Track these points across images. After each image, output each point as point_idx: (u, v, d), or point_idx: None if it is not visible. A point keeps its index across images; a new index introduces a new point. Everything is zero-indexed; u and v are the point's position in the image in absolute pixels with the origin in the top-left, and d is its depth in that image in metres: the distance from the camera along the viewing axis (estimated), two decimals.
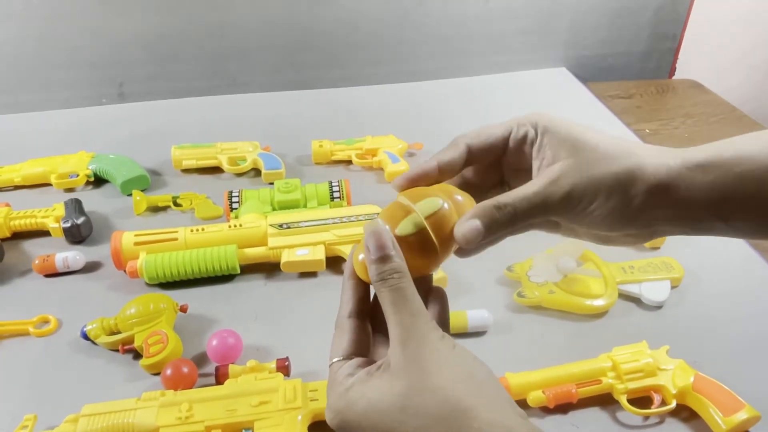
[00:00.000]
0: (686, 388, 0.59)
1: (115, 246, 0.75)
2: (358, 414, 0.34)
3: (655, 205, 0.37)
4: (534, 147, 0.40)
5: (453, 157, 0.41)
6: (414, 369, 0.33)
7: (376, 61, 1.27)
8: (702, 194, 0.37)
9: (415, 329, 0.34)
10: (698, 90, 1.31)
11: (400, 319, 0.34)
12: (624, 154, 0.37)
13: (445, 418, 0.32)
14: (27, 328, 0.69)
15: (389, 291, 0.35)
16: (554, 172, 0.38)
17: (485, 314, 0.67)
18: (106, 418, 0.56)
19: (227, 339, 0.64)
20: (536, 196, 0.37)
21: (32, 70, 1.17)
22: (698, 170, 0.36)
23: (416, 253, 0.37)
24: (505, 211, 0.37)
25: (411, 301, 0.35)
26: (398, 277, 0.35)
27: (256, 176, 0.96)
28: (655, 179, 0.37)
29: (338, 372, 0.36)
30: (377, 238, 0.35)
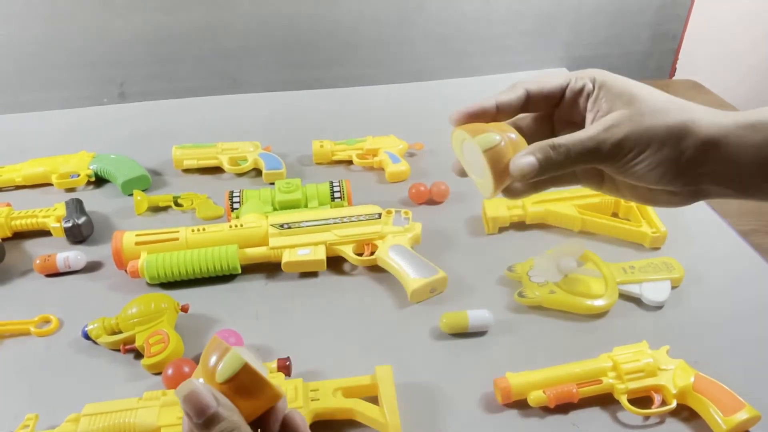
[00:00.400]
0: (687, 388, 0.59)
1: (116, 246, 0.75)
2: None
3: (705, 160, 0.38)
4: (590, 99, 0.41)
5: (511, 99, 0.42)
6: None
7: (376, 61, 1.27)
8: (752, 152, 0.37)
9: None
10: (698, 90, 1.31)
11: None
12: (678, 109, 0.38)
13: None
14: (28, 328, 0.69)
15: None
16: (609, 120, 0.39)
17: (486, 314, 0.67)
18: (107, 418, 0.56)
19: (228, 339, 0.64)
20: (590, 141, 0.38)
21: (33, 70, 1.17)
22: (749, 129, 0.37)
23: (249, 394, 0.33)
24: (560, 150, 0.38)
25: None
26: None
27: (256, 176, 0.96)
28: (707, 134, 0.37)
29: None
30: (194, 400, 0.31)
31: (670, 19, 1.33)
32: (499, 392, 0.59)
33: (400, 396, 0.57)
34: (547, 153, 0.38)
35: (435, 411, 0.59)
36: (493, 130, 0.41)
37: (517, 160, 0.39)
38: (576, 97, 0.43)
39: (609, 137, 0.38)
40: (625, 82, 0.41)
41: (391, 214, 0.80)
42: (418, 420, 0.58)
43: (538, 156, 0.38)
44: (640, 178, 0.40)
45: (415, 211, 0.83)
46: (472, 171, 0.44)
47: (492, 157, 0.40)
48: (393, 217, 0.80)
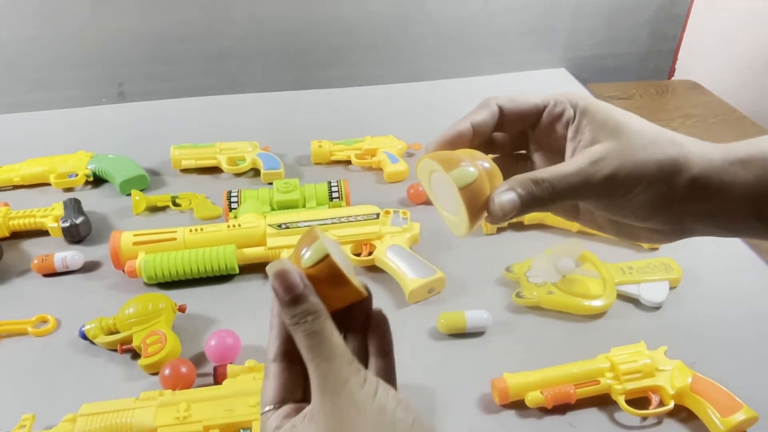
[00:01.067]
0: (684, 389, 0.59)
1: (114, 246, 0.75)
2: None
3: (694, 197, 0.36)
4: (570, 127, 0.39)
5: (486, 118, 0.39)
6: (332, 424, 0.31)
7: (375, 61, 1.27)
8: (741, 190, 0.35)
9: (332, 376, 0.31)
10: (697, 91, 1.31)
11: (317, 365, 0.32)
12: (668, 143, 0.36)
13: None
14: (25, 328, 0.69)
15: (304, 336, 0.32)
16: (595, 153, 0.36)
17: (484, 315, 0.67)
18: (104, 418, 0.56)
19: (225, 339, 0.64)
20: (576, 176, 0.35)
21: (32, 70, 1.17)
22: (739, 164, 0.35)
23: (329, 284, 0.34)
24: (543, 186, 0.35)
25: (327, 345, 0.32)
26: (312, 320, 0.32)
27: (255, 176, 0.96)
28: (698, 171, 0.35)
29: (267, 423, 0.34)
30: (283, 278, 0.32)
31: (669, 19, 1.33)
32: (497, 393, 0.59)
33: None
34: (530, 189, 0.35)
35: (432, 411, 0.59)
36: (466, 159, 0.36)
37: (498, 198, 0.35)
38: (554, 121, 0.40)
39: (597, 171, 0.35)
40: (609, 110, 0.38)
41: (390, 215, 0.80)
42: None
43: (520, 192, 0.35)
44: (626, 215, 0.38)
45: (413, 212, 0.83)
46: (441, 205, 0.39)
47: (468, 195, 0.35)
48: (391, 217, 0.79)
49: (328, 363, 0.32)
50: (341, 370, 0.32)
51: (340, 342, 0.32)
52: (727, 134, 1.16)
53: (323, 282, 0.34)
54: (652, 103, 1.27)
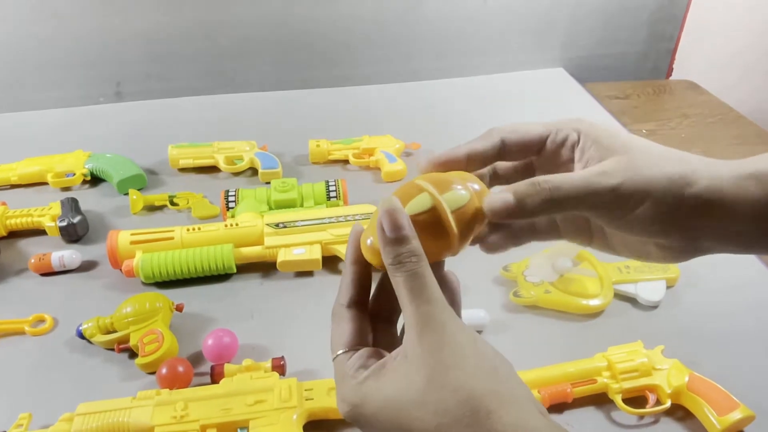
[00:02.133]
0: (681, 388, 0.59)
1: (112, 245, 0.74)
2: (374, 408, 0.32)
3: (705, 214, 0.35)
4: (576, 149, 0.39)
5: (485, 148, 0.39)
6: (433, 362, 0.31)
7: (373, 61, 1.27)
8: (754, 205, 0.35)
9: (434, 318, 0.32)
10: (695, 91, 1.31)
11: (418, 306, 0.32)
12: (676, 159, 0.36)
13: (466, 417, 0.30)
14: (22, 327, 0.69)
15: (406, 276, 0.32)
16: (604, 165, 0.35)
17: (482, 314, 0.67)
18: (101, 417, 0.56)
19: (223, 338, 0.64)
20: (582, 181, 0.35)
21: (29, 69, 1.17)
22: (751, 180, 0.35)
23: (429, 234, 0.34)
24: (544, 187, 0.34)
25: (429, 288, 0.32)
26: (415, 261, 0.32)
27: (252, 176, 0.96)
28: (708, 187, 0.35)
29: (347, 364, 0.35)
30: (393, 217, 0.33)
31: (667, 19, 1.34)
32: None
33: None
34: (528, 190, 0.34)
35: None
36: (458, 182, 0.36)
37: (489, 197, 0.35)
38: (558, 148, 0.39)
39: (604, 181, 0.35)
40: (614, 131, 0.38)
41: None
42: None
43: (518, 192, 0.34)
44: (636, 230, 0.37)
45: None
46: None
47: (460, 217, 0.35)
48: None
49: (429, 305, 0.32)
50: (442, 312, 0.32)
51: (438, 287, 0.33)
52: (724, 133, 1.16)
53: (426, 231, 0.34)
54: (649, 103, 1.27)
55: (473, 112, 1.14)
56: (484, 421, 0.30)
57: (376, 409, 0.32)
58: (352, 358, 0.35)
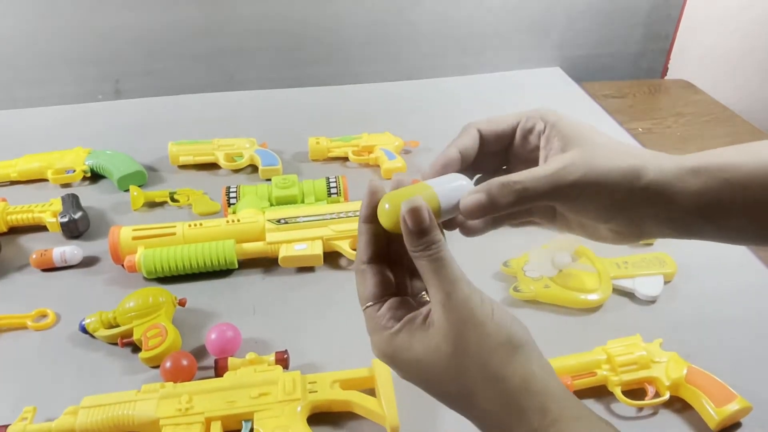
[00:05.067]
0: (679, 380, 0.60)
1: (114, 240, 0.75)
2: (405, 362, 0.37)
3: (650, 203, 0.39)
4: (542, 137, 0.43)
5: (470, 143, 0.43)
6: (457, 335, 0.35)
7: (372, 59, 1.28)
8: (692, 197, 0.39)
9: (456, 295, 0.36)
10: (690, 90, 1.33)
11: (440, 285, 0.36)
12: (629, 154, 0.40)
13: (486, 380, 0.35)
14: (25, 322, 0.69)
15: (429, 261, 0.36)
16: (565, 159, 0.40)
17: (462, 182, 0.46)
18: (106, 410, 0.56)
19: (226, 332, 0.65)
20: (546, 179, 0.39)
21: (28, 66, 1.17)
22: (690, 174, 0.39)
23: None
24: (514, 188, 0.38)
25: (450, 268, 0.36)
26: (436, 248, 0.36)
27: (252, 173, 0.97)
28: (654, 179, 0.39)
29: (378, 314, 0.38)
30: (415, 214, 0.36)
31: (662, 19, 1.35)
32: None
33: (398, 388, 0.58)
34: (500, 190, 0.38)
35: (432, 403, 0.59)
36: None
37: (464, 199, 0.39)
38: (526, 135, 0.44)
39: (566, 175, 0.39)
40: (576, 124, 0.42)
41: None
42: (416, 412, 0.58)
43: (489, 194, 0.38)
44: (591, 217, 0.41)
45: None
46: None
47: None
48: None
49: (451, 284, 0.36)
50: (462, 289, 0.36)
51: (457, 266, 0.37)
52: (718, 132, 1.17)
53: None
54: (645, 102, 1.28)
55: (471, 111, 1.15)
56: (497, 384, 0.35)
57: (407, 363, 0.38)
58: (381, 309, 0.39)
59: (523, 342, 0.37)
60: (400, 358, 0.37)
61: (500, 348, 0.36)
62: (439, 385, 0.37)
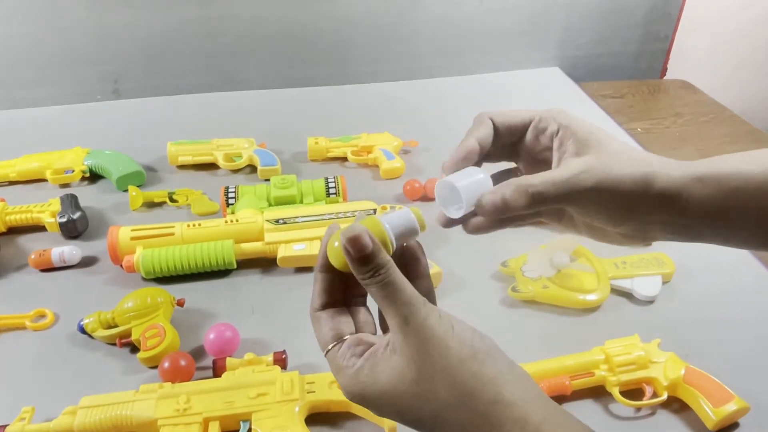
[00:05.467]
0: (677, 380, 0.60)
1: (112, 241, 0.75)
2: (374, 396, 0.36)
3: (658, 210, 0.40)
4: (555, 139, 0.43)
5: (486, 133, 0.44)
6: (420, 358, 0.35)
7: (371, 59, 1.28)
8: (701, 205, 0.40)
9: (412, 317, 0.35)
10: (689, 90, 1.33)
11: (395, 310, 0.35)
12: (640, 161, 0.41)
13: (455, 400, 0.34)
14: (23, 322, 0.69)
15: (379, 287, 0.36)
16: (580, 165, 0.41)
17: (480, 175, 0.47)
18: (104, 410, 0.56)
19: (224, 332, 0.65)
20: (562, 184, 0.40)
21: (27, 67, 1.17)
22: (697, 182, 0.40)
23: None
24: (528, 191, 0.40)
25: (401, 291, 0.35)
26: (384, 272, 0.36)
27: (251, 173, 0.97)
28: (663, 186, 0.40)
29: (338, 356, 0.38)
30: (355, 241, 0.35)
31: (661, 19, 1.35)
32: None
33: None
34: (518, 192, 0.40)
35: None
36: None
37: (487, 197, 0.40)
38: (538, 135, 0.45)
39: (581, 182, 0.40)
40: (589, 128, 0.43)
41: (386, 210, 0.80)
42: None
43: (508, 195, 0.40)
44: (601, 220, 0.42)
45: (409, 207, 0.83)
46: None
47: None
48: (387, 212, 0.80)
49: (406, 306, 0.35)
50: (419, 311, 0.35)
51: (410, 287, 0.36)
52: (717, 132, 1.17)
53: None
54: (644, 102, 1.28)
55: (470, 111, 1.13)
56: (468, 401, 0.34)
57: (376, 398, 0.36)
58: (341, 350, 0.38)
59: (489, 353, 0.36)
60: (368, 394, 0.36)
61: (465, 363, 0.34)
62: (410, 413, 0.36)
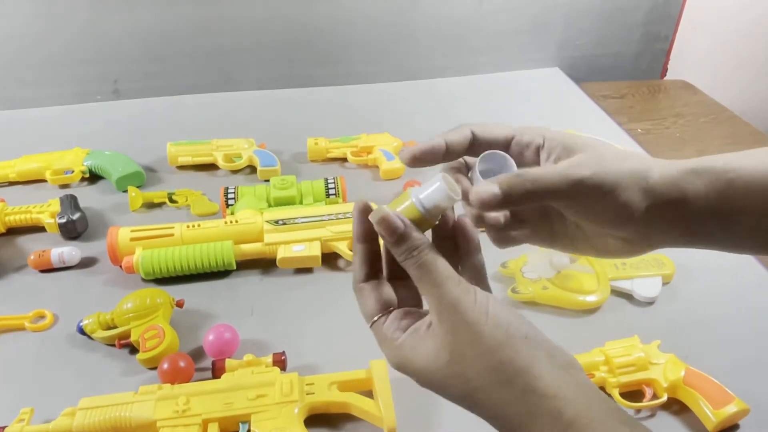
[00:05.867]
0: (677, 382, 0.60)
1: (112, 241, 0.75)
2: (414, 371, 0.37)
3: (658, 205, 0.39)
4: (542, 151, 0.41)
5: (459, 139, 0.42)
6: (453, 340, 0.35)
7: (370, 59, 1.28)
8: (696, 197, 0.39)
9: (445, 299, 0.35)
10: (689, 90, 1.33)
11: (429, 290, 0.36)
12: (634, 157, 0.40)
13: (489, 385, 0.35)
14: (23, 323, 0.69)
15: (413, 268, 0.36)
16: (574, 160, 0.39)
17: None
18: (103, 412, 0.56)
19: (224, 333, 0.65)
20: (558, 175, 0.38)
21: (27, 67, 1.16)
22: (692, 174, 0.39)
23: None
24: (526, 178, 0.37)
25: (435, 272, 0.36)
26: (417, 253, 0.36)
27: (251, 173, 0.97)
28: (659, 178, 0.39)
29: (383, 328, 0.39)
30: (385, 223, 0.36)
31: (662, 19, 1.35)
32: None
33: (395, 390, 0.57)
34: (512, 182, 0.37)
35: (429, 404, 0.60)
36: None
37: (478, 188, 0.37)
38: (522, 150, 0.42)
39: (575, 173, 0.38)
40: (575, 137, 0.41)
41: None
42: (413, 413, 0.58)
43: (502, 186, 0.37)
44: (601, 221, 0.40)
45: None
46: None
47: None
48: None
49: (439, 288, 0.35)
50: (451, 292, 0.35)
51: (446, 266, 0.36)
52: (717, 133, 1.17)
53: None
54: (644, 103, 1.28)
55: (470, 111, 1.15)
56: (500, 388, 0.34)
57: (416, 373, 0.37)
58: (387, 322, 0.39)
59: (527, 339, 0.35)
60: (408, 368, 0.38)
61: (499, 351, 0.34)
62: (445, 391, 0.37)
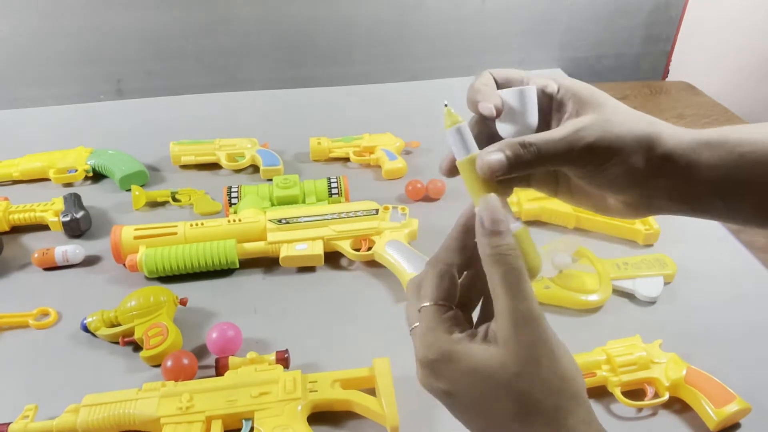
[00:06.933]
0: (679, 381, 0.60)
1: (115, 240, 0.75)
2: (460, 367, 0.35)
3: (664, 173, 0.39)
4: (554, 100, 0.41)
5: (488, 79, 0.42)
6: (528, 355, 0.33)
7: (374, 59, 1.28)
8: (706, 169, 0.38)
9: (530, 315, 0.34)
10: (691, 92, 1.33)
11: (514, 300, 0.34)
12: (645, 121, 0.39)
13: (547, 409, 0.33)
14: (27, 321, 0.69)
15: (505, 270, 0.34)
16: (580, 123, 0.38)
17: None
18: (107, 408, 0.56)
19: (227, 331, 0.65)
20: (562, 141, 0.38)
21: (31, 66, 1.17)
22: (705, 146, 0.38)
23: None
24: (530, 149, 0.37)
25: (525, 283, 0.34)
26: (514, 256, 0.34)
27: (254, 173, 0.97)
28: (670, 148, 0.38)
29: (443, 316, 0.36)
30: (492, 211, 0.35)
31: (663, 21, 1.35)
32: None
33: (398, 388, 0.58)
34: (517, 151, 0.37)
35: (432, 402, 0.59)
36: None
37: (487, 156, 0.37)
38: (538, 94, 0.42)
39: (581, 139, 0.37)
40: (591, 89, 0.40)
41: (388, 210, 0.80)
42: (416, 411, 0.58)
43: (508, 153, 0.37)
44: (603, 186, 0.40)
45: (411, 208, 0.83)
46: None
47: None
48: (390, 213, 0.80)
49: (526, 302, 0.34)
50: (536, 308, 0.34)
51: (530, 282, 0.35)
52: None
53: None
54: (646, 104, 1.28)
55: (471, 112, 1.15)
56: (561, 418, 0.33)
57: (462, 370, 0.35)
58: (448, 313, 0.37)
59: (575, 397, 0.34)
60: (455, 361, 0.35)
61: (568, 390, 0.34)
62: (489, 401, 0.34)
